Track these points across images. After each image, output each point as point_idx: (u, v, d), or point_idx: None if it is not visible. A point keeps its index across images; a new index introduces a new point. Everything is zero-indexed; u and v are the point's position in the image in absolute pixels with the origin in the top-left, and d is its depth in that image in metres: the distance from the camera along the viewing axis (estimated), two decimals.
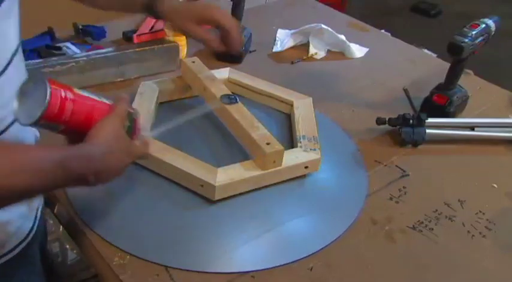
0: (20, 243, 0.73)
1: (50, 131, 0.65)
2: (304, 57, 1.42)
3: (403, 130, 1.09)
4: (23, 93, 0.63)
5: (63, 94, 0.63)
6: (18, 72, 0.68)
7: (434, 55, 1.75)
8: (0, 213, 0.68)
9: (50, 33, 1.32)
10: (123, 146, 0.65)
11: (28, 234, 0.75)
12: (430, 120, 1.11)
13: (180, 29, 0.88)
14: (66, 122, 0.64)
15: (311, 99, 1.09)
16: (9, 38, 0.66)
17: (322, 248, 0.85)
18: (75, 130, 0.65)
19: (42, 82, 0.62)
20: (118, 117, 0.66)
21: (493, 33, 1.16)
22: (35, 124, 0.62)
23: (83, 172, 0.60)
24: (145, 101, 1.02)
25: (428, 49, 1.93)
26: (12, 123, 0.67)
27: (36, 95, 0.62)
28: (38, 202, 0.80)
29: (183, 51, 1.32)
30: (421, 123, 1.09)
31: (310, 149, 0.94)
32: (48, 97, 0.61)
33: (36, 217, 0.78)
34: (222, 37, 0.87)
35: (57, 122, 0.63)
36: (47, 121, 0.62)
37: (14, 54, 0.66)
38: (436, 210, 0.95)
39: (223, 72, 1.15)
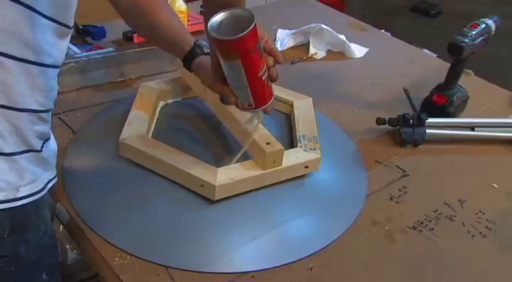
0: (32, 195, 0.74)
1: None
2: (304, 57, 1.42)
3: (403, 130, 1.09)
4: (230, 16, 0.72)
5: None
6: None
7: (434, 55, 1.75)
8: (24, 157, 0.71)
9: None
10: None
11: (39, 192, 0.75)
12: (430, 120, 1.11)
13: (203, 83, 0.98)
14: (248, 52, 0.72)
15: (311, 99, 1.09)
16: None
17: (322, 248, 0.85)
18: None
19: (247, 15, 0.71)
20: None
21: (493, 33, 1.16)
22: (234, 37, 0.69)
23: None
24: (145, 102, 1.02)
25: (428, 49, 1.94)
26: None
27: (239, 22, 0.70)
28: (50, 174, 0.79)
29: None
30: (421, 123, 1.09)
31: (311, 149, 0.94)
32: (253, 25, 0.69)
33: (45, 188, 0.77)
34: None
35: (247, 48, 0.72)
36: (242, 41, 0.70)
37: None
38: (436, 210, 0.95)
39: None
